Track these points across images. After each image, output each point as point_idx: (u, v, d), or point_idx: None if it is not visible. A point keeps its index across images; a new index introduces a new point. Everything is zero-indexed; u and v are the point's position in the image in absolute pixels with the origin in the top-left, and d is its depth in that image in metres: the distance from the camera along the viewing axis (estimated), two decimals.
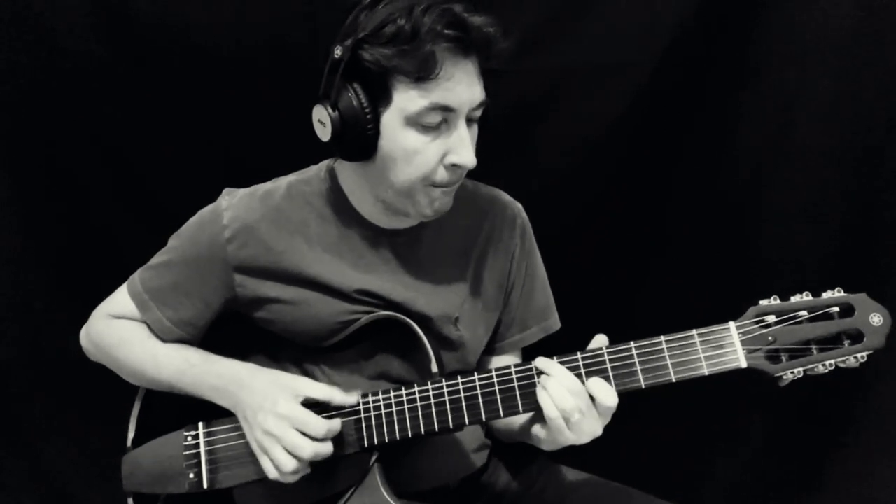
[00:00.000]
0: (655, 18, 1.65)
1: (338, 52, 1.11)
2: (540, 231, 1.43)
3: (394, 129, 1.13)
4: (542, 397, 1.10)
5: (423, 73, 1.08)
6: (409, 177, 1.15)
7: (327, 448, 1.14)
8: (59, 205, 1.77)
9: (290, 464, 1.12)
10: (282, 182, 1.31)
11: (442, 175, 1.16)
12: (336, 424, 1.15)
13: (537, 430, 1.16)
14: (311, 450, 1.11)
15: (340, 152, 1.18)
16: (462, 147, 1.14)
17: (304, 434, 1.12)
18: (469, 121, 1.16)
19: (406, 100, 1.10)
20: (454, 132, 1.14)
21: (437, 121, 1.12)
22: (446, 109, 1.11)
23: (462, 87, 1.11)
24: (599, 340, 1.14)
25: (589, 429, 1.09)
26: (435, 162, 1.14)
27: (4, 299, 1.80)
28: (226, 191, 1.30)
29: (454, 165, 1.15)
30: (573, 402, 1.07)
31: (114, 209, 1.79)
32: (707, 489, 1.93)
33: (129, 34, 1.64)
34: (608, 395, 1.08)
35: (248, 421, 1.17)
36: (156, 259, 1.31)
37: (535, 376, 1.12)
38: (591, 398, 1.09)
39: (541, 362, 1.12)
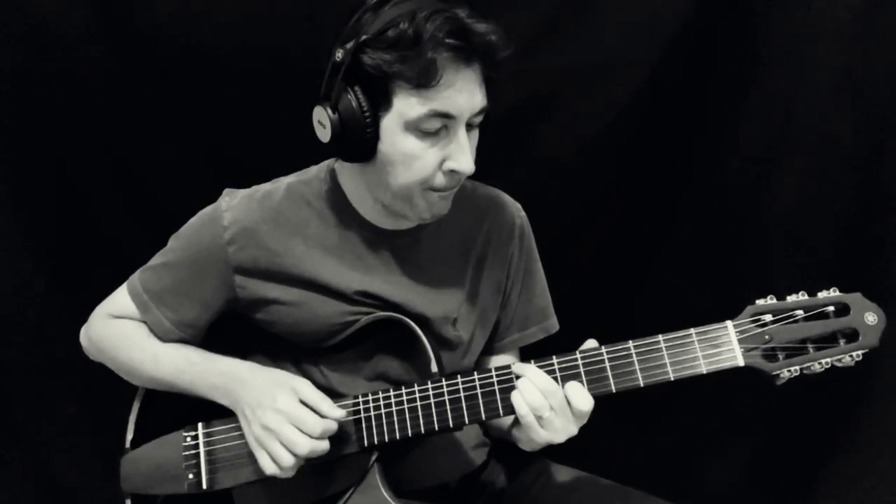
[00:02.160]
0: (655, 18, 1.65)
1: (339, 54, 1.11)
2: (540, 231, 1.43)
3: (393, 134, 1.13)
4: (514, 396, 1.11)
5: (423, 81, 1.07)
6: (408, 181, 1.15)
7: (323, 446, 1.14)
8: (60, 205, 1.77)
9: (287, 459, 1.12)
10: (282, 183, 1.31)
11: (440, 180, 1.16)
12: (332, 424, 1.15)
13: (516, 430, 1.16)
14: (307, 447, 1.12)
15: (339, 154, 1.19)
16: (461, 154, 1.14)
17: (301, 431, 1.13)
18: (470, 126, 1.16)
19: (406, 105, 1.10)
20: (454, 138, 1.13)
21: (436, 127, 1.12)
22: (446, 116, 1.11)
23: (463, 95, 1.10)
24: (589, 345, 1.15)
25: (563, 427, 1.10)
26: (433, 167, 1.14)
27: (4, 299, 1.80)
28: (226, 192, 1.30)
29: (453, 171, 1.15)
30: (542, 400, 1.09)
31: (114, 209, 1.79)
32: (706, 488, 1.92)
33: (130, 35, 1.65)
34: (583, 399, 1.09)
35: (247, 417, 1.17)
36: (156, 259, 1.31)
37: None
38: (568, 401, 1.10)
39: (516, 367, 1.14)
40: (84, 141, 1.73)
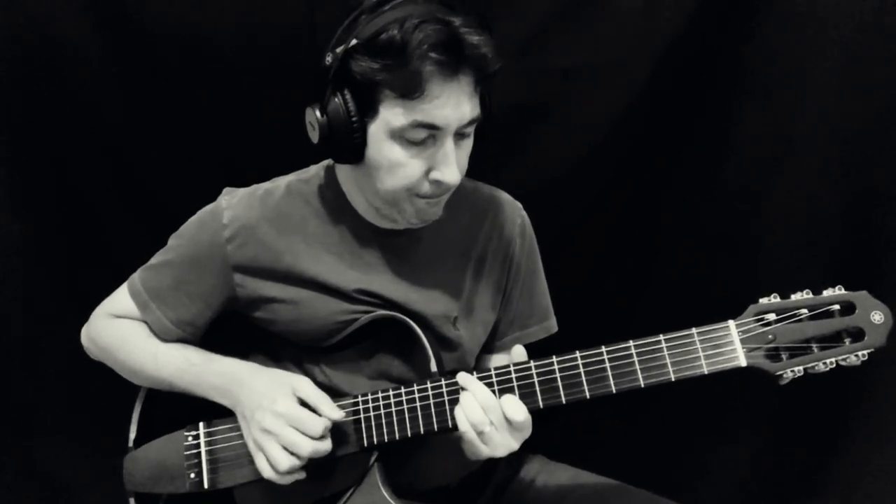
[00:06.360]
0: (655, 18, 1.65)
1: (328, 59, 1.11)
2: (540, 231, 1.43)
3: (379, 141, 1.12)
4: (456, 410, 1.11)
5: (407, 92, 1.06)
6: (393, 187, 1.15)
7: (325, 446, 1.14)
8: (60, 205, 1.77)
9: (285, 462, 1.12)
10: (281, 182, 1.31)
11: (426, 188, 1.15)
12: (330, 422, 1.15)
13: (460, 441, 1.15)
14: (308, 447, 1.12)
15: (330, 155, 1.19)
16: (446, 165, 1.13)
17: (301, 433, 1.13)
18: (460, 135, 1.15)
19: (391, 114, 1.09)
20: (440, 149, 1.12)
21: (421, 137, 1.11)
22: (431, 127, 1.10)
23: (448, 107, 1.09)
24: (517, 353, 1.15)
25: (502, 442, 1.10)
26: (418, 176, 1.14)
27: (5, 299, 1.80)
28: (225, 190, 1.30)
29: (438, 181, 1.14)
30: (482, 416, 1.09)
31: (114, 209, 1.79)
32: (707, 488, 1.92)
33: (129, 36, 1.65)
34: (517, 411, 1.09)
35: (247, 419, 1.17)
36: (156, 258, 1.31)
37: (534, 375, 1.12)
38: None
39: (461, 378, 1.13)
40: (84, 141, 1.73)
